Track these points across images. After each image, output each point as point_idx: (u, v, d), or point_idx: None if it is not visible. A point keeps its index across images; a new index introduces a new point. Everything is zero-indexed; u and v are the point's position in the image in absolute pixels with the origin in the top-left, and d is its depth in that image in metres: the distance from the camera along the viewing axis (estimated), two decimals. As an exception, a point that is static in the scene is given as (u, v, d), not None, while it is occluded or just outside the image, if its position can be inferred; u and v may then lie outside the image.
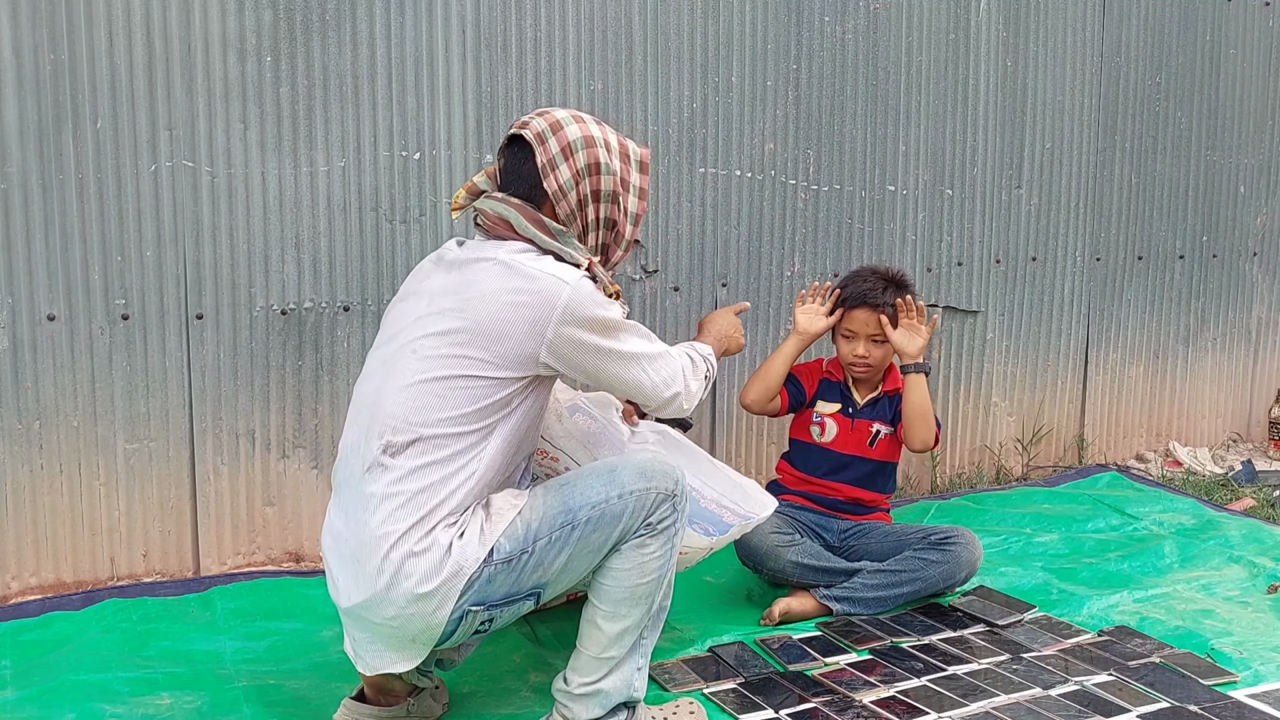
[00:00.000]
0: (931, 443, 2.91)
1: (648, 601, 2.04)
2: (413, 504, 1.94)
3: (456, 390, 1.97)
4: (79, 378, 2.81)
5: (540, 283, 1.99)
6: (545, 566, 1.99)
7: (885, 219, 3.67)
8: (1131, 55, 4.00)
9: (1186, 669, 2.48)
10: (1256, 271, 4.43)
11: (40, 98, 2.68)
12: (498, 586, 1.97)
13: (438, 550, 1.93)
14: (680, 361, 2.22)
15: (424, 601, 1.93)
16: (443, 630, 1.97)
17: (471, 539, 1.95)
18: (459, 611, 1.95)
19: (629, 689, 2.08)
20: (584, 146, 2.09)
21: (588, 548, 2.01)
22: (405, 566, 1.92)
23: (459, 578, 1.93)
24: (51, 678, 2.36)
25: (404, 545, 1.93)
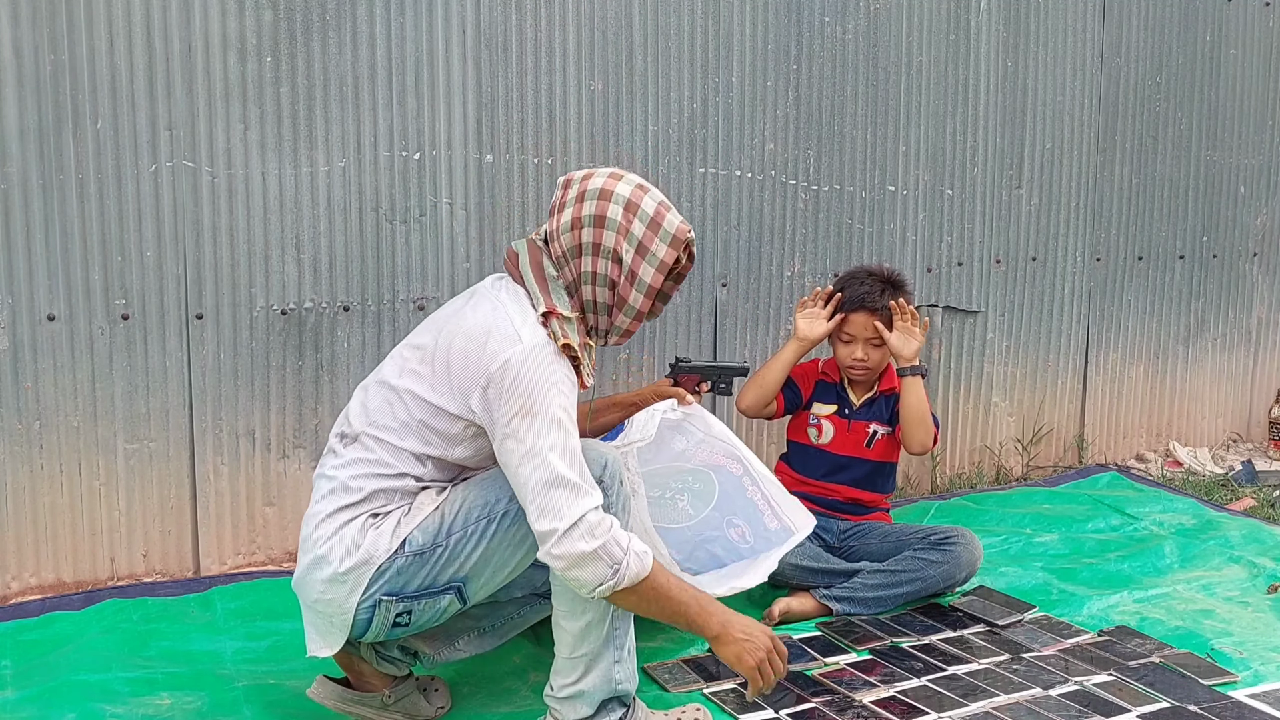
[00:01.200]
0: (930, 444, 2.91)
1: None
2: (343, 490, 2.01)
3: (405, 401, 2.02)
4: (79, 378, 2.81)
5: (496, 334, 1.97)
6: (461, 561, 1.98)
7: (885, 219, 3.67)
8: (1131, 55, 4.00)
9: (1186, 669, 2.48)
10: (1256, 272, 4.43)
11: (40, 98, 2.68)
12: (410, 578, 1.97)
13: (352, 536, 1.97)
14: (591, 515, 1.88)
15: (337, 585, 1.98)
16: (355, 617, 1.98)
17: (386, 530, 1.97)
18: (370, 600, 1.97)
19: (611, 684, 2.06)
20: (596, 198, 2.04)
21: (509, 541, 1.99)
22: (324, 548, 1.98)
23: (369, 566, 1.96)
24: (52, 678, 2.36)
25: (327, 526, 1.99)
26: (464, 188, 3.10)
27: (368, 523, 1.99)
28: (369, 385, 2.12)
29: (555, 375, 1.94)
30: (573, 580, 1.91)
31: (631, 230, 2.03)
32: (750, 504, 2.44)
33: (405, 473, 2.02)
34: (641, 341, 3.36)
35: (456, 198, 3.09)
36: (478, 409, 1.97)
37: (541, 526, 1.89)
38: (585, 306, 2.08)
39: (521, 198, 3.16)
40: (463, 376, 1.97)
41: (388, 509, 2.01)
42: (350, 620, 2.00)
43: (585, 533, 1.87)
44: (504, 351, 1.94)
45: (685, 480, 2.54)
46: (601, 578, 1.89)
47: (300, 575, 2.06)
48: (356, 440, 2.05)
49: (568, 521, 1.87)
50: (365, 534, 1.98)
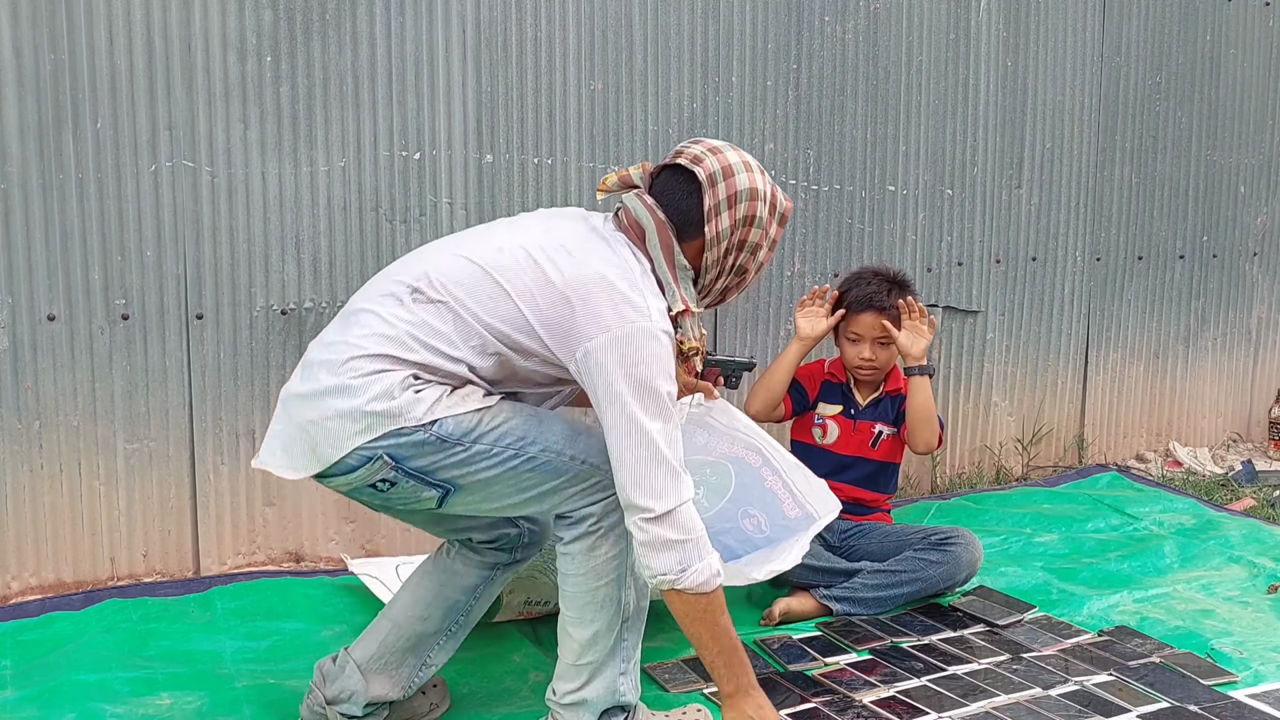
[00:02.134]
0: (935, 444, 2.91)
1: (613, 605, 2.00)
2: (397, 342, 1.92)
3: (503, 305, 1.94)
4: (79, 377, 2.81)
5: (629, 298, 1.93)
6: (469, 470, 1.92)
7: (885, 219, 3.67)
8: (1131, 55, 4.00)
9: (1186, 669, 2.48)
10: (1257, 271, 4.43)
11: (40, 98, 2.68)
12: (418, 455, 1.90)
13: (388, 385, 1.89)
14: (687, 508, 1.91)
15: (351, 420, 1.88)
16: (345, 458, 1.90)
17: (426, 399, 1.90)
18: (372, 451, 1.89)
19: (614, 695, 2.05)
20: (747, 199, 2.06)
21: (517, 482, 1.95)
22: (355, 381, 1.89)
23: (394, 420, 1.88)
24: (51, 677, 2.35)
25: (364, 364, 1.90)
26: (464, 187, 3.10)
27: (408, 381, 1.90)
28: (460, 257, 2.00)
29: (670, 363, 1.95)
30: (643, 560, 1.91)
31: (769, 229, 2.11)
32: (768, 494, 2.43)
33: (464, 360, 1.94)
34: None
35: (456, 197, 3.09)
36: (580, 358, 1.91)
37: (638, 500, 1.88)
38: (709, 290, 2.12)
39: (521, 197, 3.16)
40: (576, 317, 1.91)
41: (430, 380, 1.93)
42: (337, 458, 1.90)
43: (679, 524, 1.89)
44: (635, 321, 1.91)
45: (703, 474, 2.53)
46: (668, 569, 1.89)
47: (306, 392, 1.94)
48: (433, 304, 1.95)
49: (666, 505, 1.88)
50: (404, 391, 1.89)
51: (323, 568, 3.05)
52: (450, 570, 2.18)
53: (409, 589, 2.19)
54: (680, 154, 2.11)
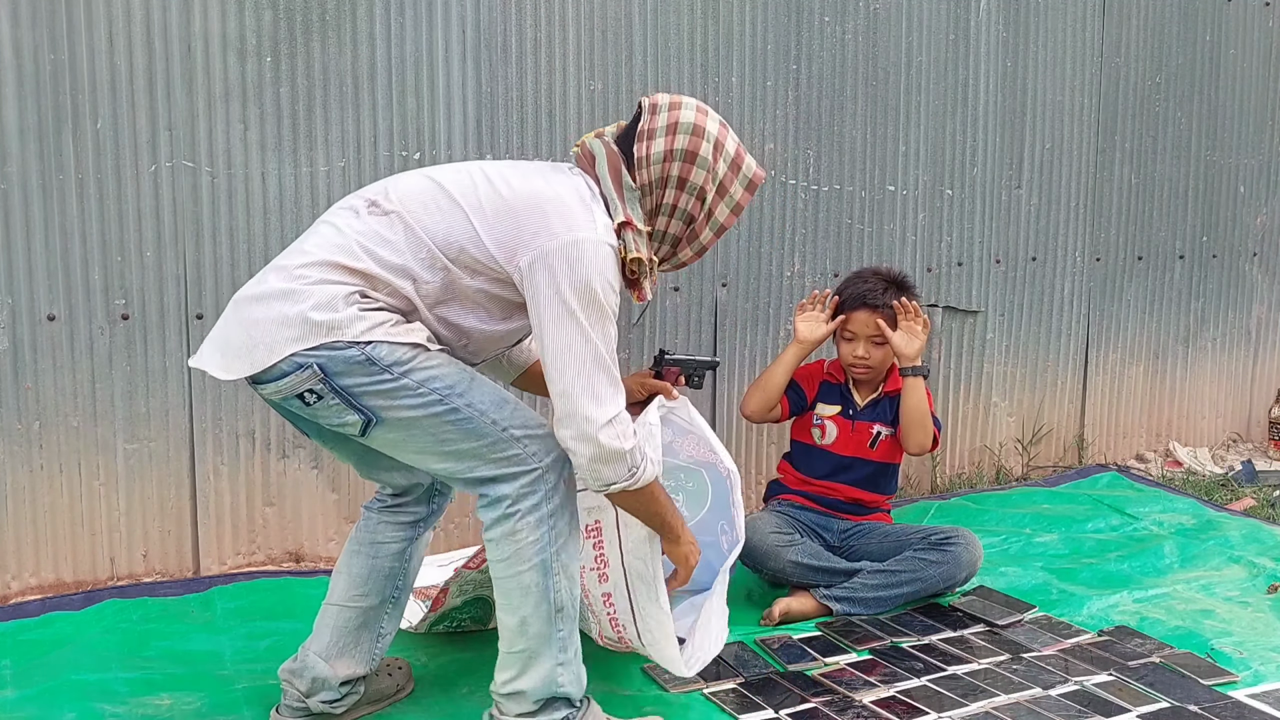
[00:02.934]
0: (929, 446, 2.90)
1: (538, 591, 1.98)
2: (349, 248, 1.94)
3: (452, 216, 1.96)
4: (79, 378, 2.81)
5: (574, 211, 1.95)
6: (392, 403, 1.92)
7: (885, 219, 3.67)
8: (1131, 55, 4.00)
9: (1186, 669, 2.48)
10: (1256, 271, 4.43)
11: (40, 98, 2.68)
12: (347, 372, 1.90)
13: (332, 295, 1.90)
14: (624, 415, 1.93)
15: (289, 326, 1.89)
16: (279, 364, 1.89)
17: (367, 320, 1.90)
18: (304, 360, 1.89)
19: (552, 685, 2.03)
20: (688, 133, 2.05)
21: (436, 433, 1.94)
22: (301, 286, 1.91)
23: (330, 332, 1.89)
24: (51, 678, 2.36)
25: (313, 271, 1.92)
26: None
27: (354, 296, 1.92)
28: (420, 174, 2.05)
29: (615, 277, 1.96)
30: (593, 473, 1.93)
31: (716, 169, 2.07)
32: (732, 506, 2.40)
33: (410, 270, 1.95)
34: (640, 341, 3.35)
35: (456, 198, 3.09)
36: (524, 266, 1.92)
37: (582, 408, 1.89)
38: (653, 235, 2.10)
39: (521, 198, 3.16)
40: (524, 227, 1.93)
41: (377, 301, 1.94)
42: (271, 363, 1.90)
43: (623, 431, 1.92)
44: (581, 230, 1.93)
45: (679, 478, 2.52)
46: (619, 476, 1.94)
47: (254, 295, 1.95)
48: (386, 215, 1.97)
49: (609, 412, 1.90)
50: (348, 306, 1.91)
51: (323, 568, 3.05)
52: (374, 543, 2.21)
53: (342, 573, 2.23)
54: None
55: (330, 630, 2.20)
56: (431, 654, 2.53)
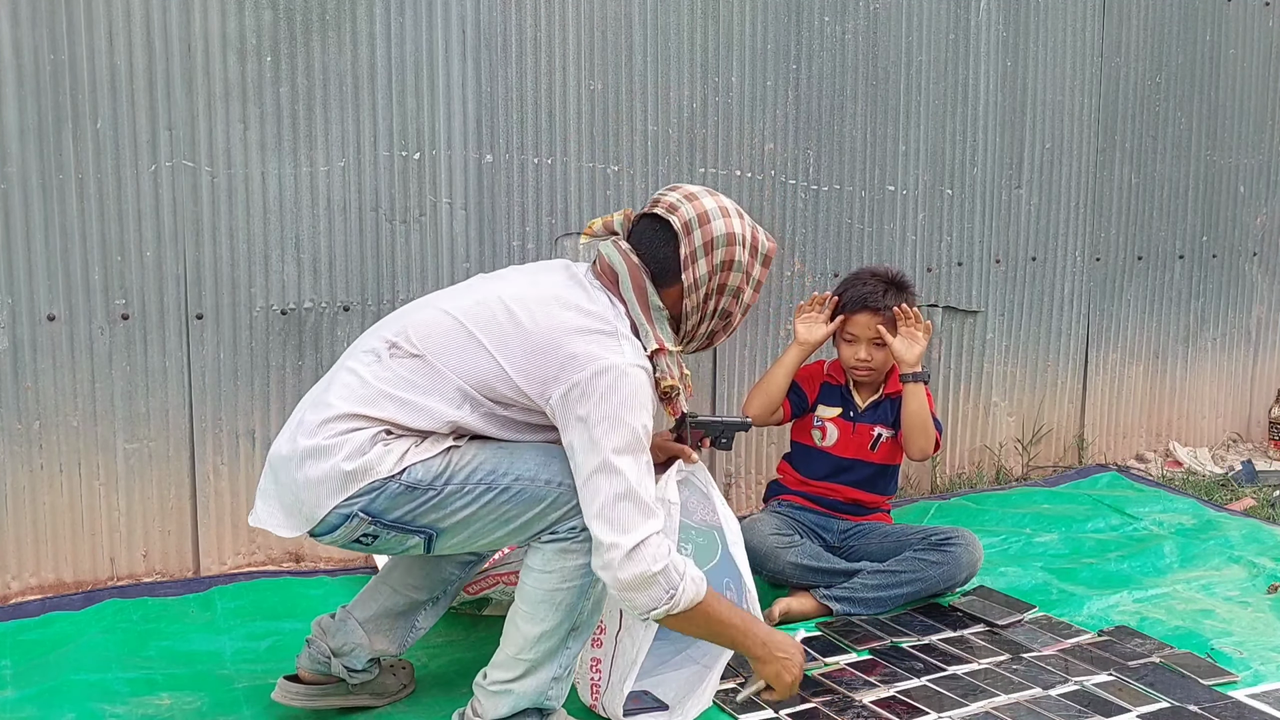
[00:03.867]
0: (930, 450, 2.90)
1: (568, 610, 2.01)
2: (372, 398, 1.98)
3: (477, 355, 1.98)
4: (79, 378, 2.81)
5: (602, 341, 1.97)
6: (446, 512, 1.97)
7: (885, 219, 3.67)
8: (1131, 55, 4.00)
9: (1186, 669, 2.48)
10: (1256, 271, 4.43)
11: (40, 98, 2.68)
12: (392, 506, 1.95)
13: (360, 441, 1.95)
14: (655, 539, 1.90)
15: (328, 480, 1.94)
16: (326, 519, 1.96)
17: (395, 451, 1.95)
18: (348, 509, 1.95)
19: (541, 696, 2.06)
20: (724, 244, 2.09)
21: (497, 516, 1.98)
22: (330, 441, 1.95)
23: (365, 476, 1.94)
24: (51, 678, 2.36)
25: (339, 425, 1.96)
26: (464, 188, 3.10)
27: (379, 435, 1.96)
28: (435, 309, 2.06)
29: (646, 399, 1.97)
30: (626, 600, 1.93)
31: (750, 270, 2.15)
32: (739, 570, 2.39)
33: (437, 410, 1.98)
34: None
35: (456, 198, 3.09)
36: (555, 401, 1.95)
37: (606, 538, 1.89)
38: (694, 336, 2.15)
39: (521, 198, 3.16)
40: (551, 362, 1.95)
41: (400, 434, 1.98)
42: (319, 517, 1.97)
43: (649, 555, 1.89)
44: (606, 357, 1.94)
45: (689, 534, 2.48)
46: (657, 601, 1.91)
47: (288, 454, 2.00)
48: (411, 358, 2.00)
49: (633, 539, 1.88)
50: (374, 445, 1.95)
51: (322, 568, 3.05)
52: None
53: (406, 559, 2.25)
54: (657, 202, 2.14)
55: (378, 606, 2.24)
56: (431, 654, 2.53)
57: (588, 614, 2.05)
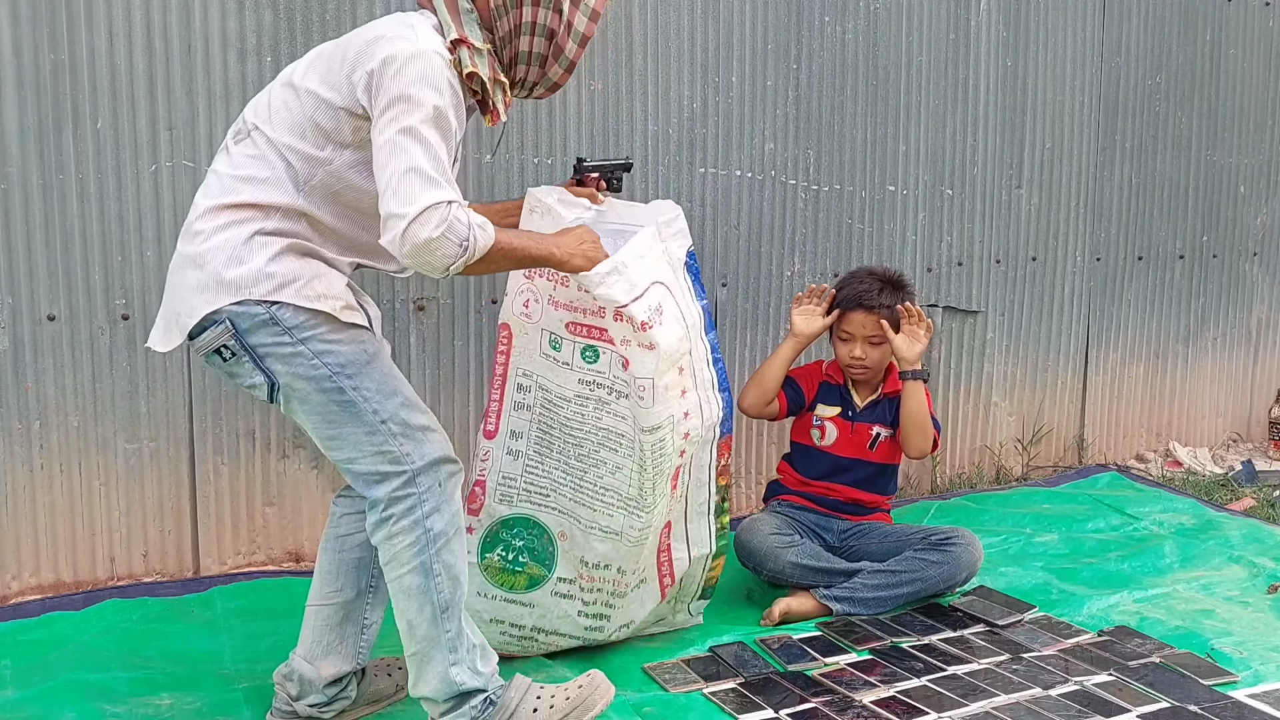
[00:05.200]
0: (929, 449, 2.90)
1: (420, 594, 2.00)
2: (233, 187, 1.98)
3: (301, 97, 1.98)
4: (79, 378, 2.81)
5: (399, 34, 1.95)
6: (288, 368, 1.97)
7: (885, 219, 3.67)
8: (1131, 55, 4.00)
9: (1186, 669, 2.48)
10: (1256, 271, 4.43)
11: (40, 98, 2.68)
12: (253, 330, 1.96)
13: (241, 244, 1.95)
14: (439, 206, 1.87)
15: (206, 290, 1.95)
16: (200, 322, 1.97)
17: (276, 279, 1.95)
18: (220, 316, 1.95)
19: (450, 685, 2.03)
20: None
21: (323, 412, 1.99)
22: (204, 246, 1.96)
23: (239, 289, 1.94)
24: (51, 677, 2.36)
25: (213, 220, 1.97)
26: (463, 187, 3.09)
27: (254, 239, 1.96)
28: (273, 85, 2.07)
29: (442, 82, 1.92)
30: (423, 265, 1.90)
31: None
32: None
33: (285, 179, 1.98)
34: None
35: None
36: (361, 95, 1.93)
37: (389, 209, 1.87)
38: (519, 58, 2.09)
39: (521, 197, 3.16)
40: (354, 63, 1.94)
41: (279, 238, 1.97)
42: (191, 325, 1.98)
43: (434, 220, 1.86)
44: (398, 44, 1.92)
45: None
46: (453, 256, 1.89)
47: (173, 266, 2.03)
48: (248, 138, 2.02)
49: (417, 208, 1.85)
50: (251, 252, 1.95)
51: (323, 568, 3.05)
52: (339, 536, 2.23)
53: (316, 575, 2.24)
54: None
55: (312, 631, 2.22)
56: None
57: (448, 591, 2.02)
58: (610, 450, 2.39)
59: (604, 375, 2.40)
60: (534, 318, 2.44)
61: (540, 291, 2.43)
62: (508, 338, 2.47)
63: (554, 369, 2.44)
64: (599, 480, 2.41)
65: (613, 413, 2.40)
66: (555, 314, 2.42)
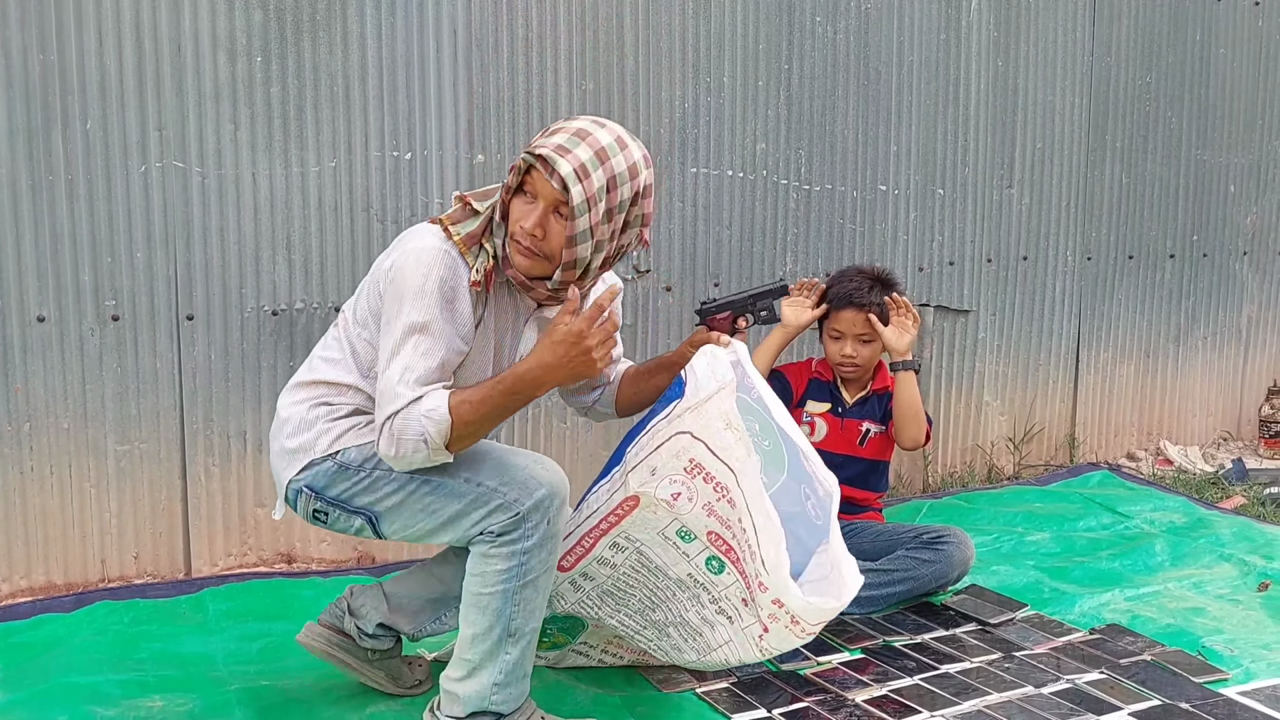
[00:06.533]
0: (922, 440, 2.91)
1: (494, 614, 2.02)
2: (312, 365, 2.15)
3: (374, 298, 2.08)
4: (69, 379, 2.80)
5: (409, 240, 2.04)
6: (377, 496, 2.06)
7: (877, 219, 3.68)
8: (1122, 55, 4.01)
9: (1177, 667, 2.49)
10: (1246, 270, 4.45)
11: (29, 99, 2.67)
12: (331, 484, 2.07)
13: (306, 418, 2.10)
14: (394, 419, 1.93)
15: (281, 457, 2.13)
16: (286, 493, 2.12)
17: (334, 430, 2.08)
18: (297, 485, 2.10)
19: (484, 700, 2.06)
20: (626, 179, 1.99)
21: (422, 507, 2.04)
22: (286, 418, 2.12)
23: (305, 454, 2.09)
24: (43, 680, 2.35)
25: (292, 395, 2.14)
26: (455, 188, 3.10)
27: (317, 409, 2.10)
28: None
29: (419, 278, 1.95)
30: (402, 466, 1.99)
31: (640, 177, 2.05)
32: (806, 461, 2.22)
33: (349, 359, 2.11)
34: (634, 340, 3.35)
35: (448, 198, 3.09)
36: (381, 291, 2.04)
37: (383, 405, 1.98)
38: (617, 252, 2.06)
39: (513, 198, 3.16)
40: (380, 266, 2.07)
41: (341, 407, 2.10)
42: (282, 492, 2.13)
43: (385, 438, 1.95)
44: (410, 244, 2.01)
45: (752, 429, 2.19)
46: (422, 453, 1.95)
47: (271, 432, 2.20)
48: (335, 326, 2.18)
49: (376, 429, 1.98)
50: (314, 421, 2.09)
51: (314, 569, 3.05)
52: None
53: (453, 555, 2.28)
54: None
55: (411, 586, 2.30)
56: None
57: (520, 620, 2.04)
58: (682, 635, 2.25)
59: (717, 589, 2.14)
60: (676, 510, 2.09)
61: (698, 492, 2.07)
62: (631, 508, 2.12)
63: (666, 549, 2.14)
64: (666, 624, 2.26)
65: (703, 617, 2.19)
66: (705, 520, 2.09)
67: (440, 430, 1.93)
